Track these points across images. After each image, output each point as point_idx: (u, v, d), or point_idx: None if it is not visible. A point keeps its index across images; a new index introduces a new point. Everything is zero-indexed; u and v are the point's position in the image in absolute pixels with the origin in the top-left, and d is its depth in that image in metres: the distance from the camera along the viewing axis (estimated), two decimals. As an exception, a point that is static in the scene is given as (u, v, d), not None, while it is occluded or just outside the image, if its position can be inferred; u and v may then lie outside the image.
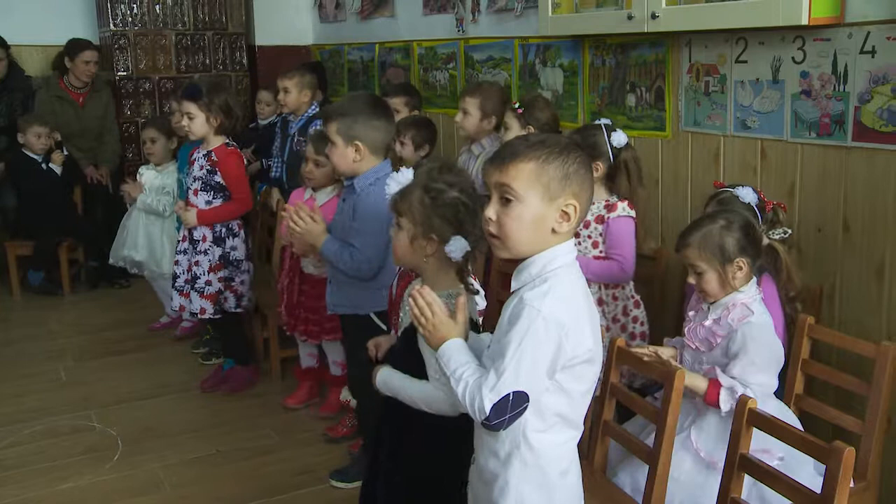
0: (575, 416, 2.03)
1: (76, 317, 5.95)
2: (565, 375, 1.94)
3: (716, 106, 3.55)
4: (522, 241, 1.94)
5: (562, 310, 1.88)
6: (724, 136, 3.52)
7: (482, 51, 5.04)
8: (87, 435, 4.15)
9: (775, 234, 2.90)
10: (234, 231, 4.47)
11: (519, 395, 1.87)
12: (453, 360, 1.99)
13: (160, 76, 6.90)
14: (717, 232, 2.67)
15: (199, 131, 4.32)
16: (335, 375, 4.28)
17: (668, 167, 3.83)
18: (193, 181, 4.40)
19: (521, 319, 1.88)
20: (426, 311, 2.05)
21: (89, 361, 5.11)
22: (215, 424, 4.23)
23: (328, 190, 4.11)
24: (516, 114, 3.84)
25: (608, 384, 2.81)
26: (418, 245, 2.37)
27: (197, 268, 4.41)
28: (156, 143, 5.40)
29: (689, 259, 2.71)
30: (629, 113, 3.99)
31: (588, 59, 4.23)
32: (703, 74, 3.59)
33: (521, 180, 1.91)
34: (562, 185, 1.90)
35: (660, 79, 3.81)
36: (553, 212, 1.91)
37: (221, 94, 4.36)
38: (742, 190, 2.97)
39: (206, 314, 4.45)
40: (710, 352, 2.72)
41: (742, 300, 2.67)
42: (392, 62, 6.05)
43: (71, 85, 6.55)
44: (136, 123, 6.84)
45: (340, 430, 4.03)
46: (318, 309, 4.08)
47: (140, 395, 4.58)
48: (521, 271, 1.98)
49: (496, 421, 1.88)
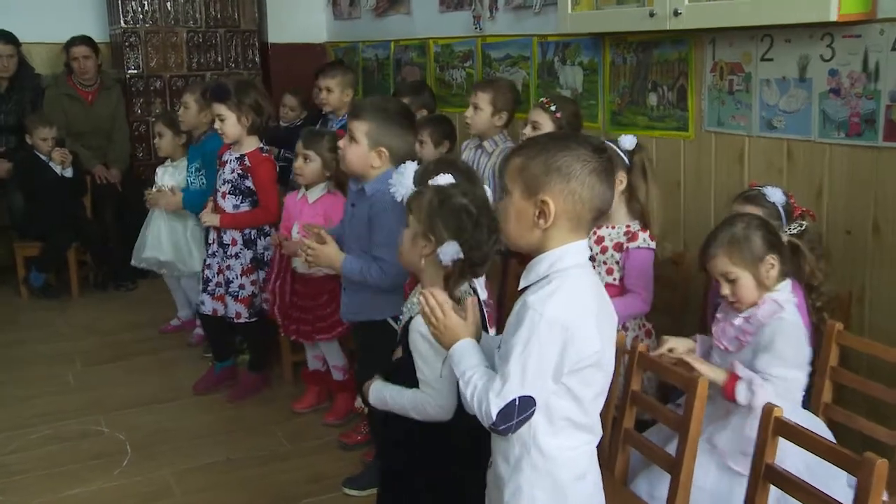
0: (586, 420, 2.02)
1: (85, 319, 5.94)
2: (573, 379, 1.94)
3: (740, 105, 3.52)
4: (511, 234, 2.01)
5: (566, 311, 1.89)
6: (749, 137, 3.49)
7: (500, 49, 5.02)
8: (96, 440, 4.14)
9: (792, 230, 2.87)
10: (266, 232, 4.46)
11: (525, 399, 1.88)
12: (463, 361, 2.01)
13: (171, 74, 6.89)
14: (742, 233, 2.65)
15: (232, 133, 4.28)
16: (338, 381, 4.27)
17: (691, 169, 3.80)
18: (223, 183, 4.38)
19: (524, 323, 1.89)
20: (437, 312, 2.06)
21: (98, 365, 5.10)
22: (226, 430, 4.22)
23: (319, 187, 4.16)
24: (547, 109, 3.81)
25: (628, 391, 2.78)
26: (417, 243, 2.40)
27: (229, 272, 4.40)
28: (163, 138, 5.39)
29: (720, 268, 2.67)
30: (650, 113, 3.97)
31: (608, 57, 4.20)
32: (727, 73, 3.56)
33: (510, 174, 1.98)
34: (540, 181, 1.92)
35: (682, 77, 3.79)
36: (531, 207, 1.94)
37: (250, 92, 4.33)
38: (771, 189, 2.94)
39: (241, 318, 4.43)
40: (740, 352, 2.68)
41: (773, 297, 2.64)
42: (407, 60, 6.04)
43: (79, 83, 6.57)
44: (146, 122, 6.84)
45: (355, 437, 4.00)
46: (311, 308, 4.13)
47: (150, 400, 4.57)
48: (529, 269, 2.00)
49: (503, 426, 1.89)
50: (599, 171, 1.94)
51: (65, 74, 6.59)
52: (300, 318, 4.17)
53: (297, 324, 4.18)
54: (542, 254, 1.97)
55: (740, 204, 2.98)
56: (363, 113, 3.27)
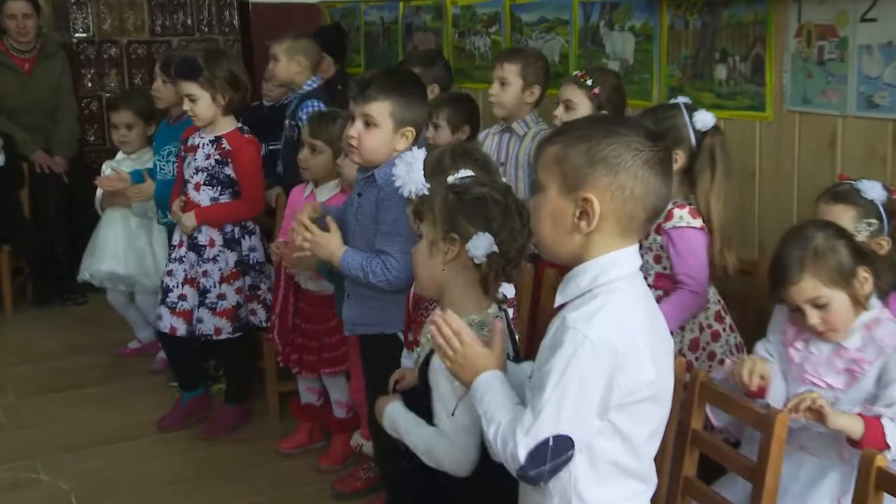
0: (637, 465, 2.02)
1: (19, 341, 5.97)
2: (622, 415, 1.94)
3: (832, 79, 3.51)
4: (545, 240, 2.01)
5: (614, 333, 1.88)
6: (843, 118, 3.48)
7: (532, 11, 5.04)
8: (32, 491, 4.14)
9: (864, 233, 2.84)
10: (249, 229, 4.48)
11: (561, 439, 1.87)
12: (487, 397, 2.00)
13: (129, 39, 6.91)
14: (824, 246, 2.63)
15: (206, 115, 4.30)
16: (339, 419, 4.27)
17: (769, 157, 3.80)
18: (195, 173, 4.37)
19: (563, 345, 1.88)
20: (453, 342, 2.06)
21: (36, 397, 5.12)
22: (195, 476, 4.23)
23: (331, 185, 4.13)
24: (582, 85, 3.80)
25: (689, 430, 2.78)
26: (437, 251, 2.40)
27: (205, 279, 4.39)
28: (132, 130, 5.41)
29: (807, 294, 2.64)
30: (718, 89, 3.97)
31: (667, 20, 4.21)
32: (815, 38, 3.56)
33: (544, 166, 1.98)
34: (582, 175, 1.92)
35: (759, 45, 3.79)
36: (570, 206, 1.94)
37: (222, 62, 4.35)
38: (867, 184, 2.92)
39: (222, 334, 4.41)
40: (850, 388, 2.64)
41: (878, 315, 2.64)
42: (420, 25, 6.06)
43: (13, 48, 6.48)
44: (99, 98, 6.86)
45: (353, 484, 4.01)
46: (318, 334, 4.11)
47: (100, 440, 4.57)
48: (567, 282, 2.00)
49: (533, 471, 1.88)
50: (654, 161, 1.94)
51: (-7, 37, 6.54)
52: (304, 345, 4.16)
53: (300, 352, 4.17)
54: (583, 263, 1.97)
55: (827, 203, 2.97)
56: (380, 92, 3.22)
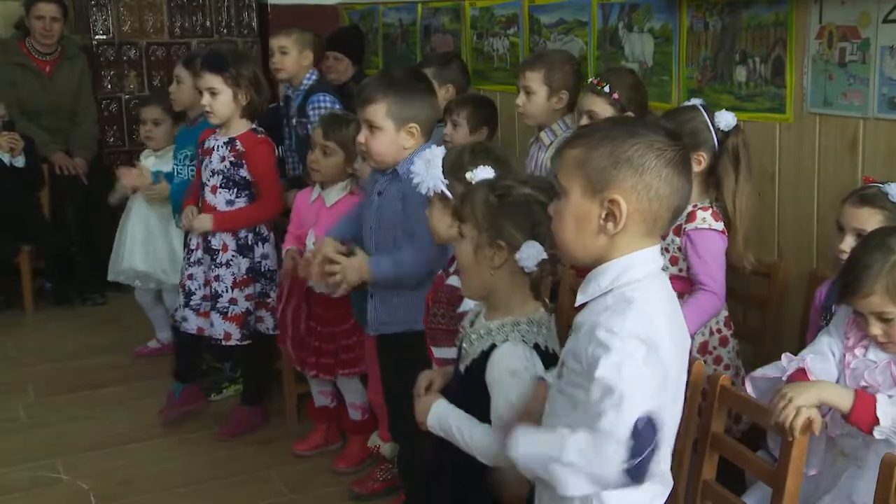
0: (658, 467, 2.00)
1: (40, 341, 5.99)
2: None
3: (854, 80, 3.50)
4: (568, 244, 1.99)
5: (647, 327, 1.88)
6: (865, 120, 3.46)
7: (551, 12, 5.03)
8: (52, 490, 4.15)
9: None
10: (264, 236, 4.48)
11: (646, 422, 1.83)
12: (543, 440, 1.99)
13: (149, 41, 6.91)
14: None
15: (223, 112, 4.30)
16: (354, 421, 4.28)
17: (789, 159, 3.78)
18: (212, 175, 4.37)
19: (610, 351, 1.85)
20: None
21: (56, 397, 5.13)
22: (214, 477, 4.24)
23: (339, 187, 4.14)
24: (600, 92, 3.77)
25: (708, 433, 2.77)
26: (483, 255, 2.38)
27: (217, 284, 4.39)
28: (160, 126, 5.43)
29: (874, 308, 2.59)
30: (738, 91, 3.96)
31: (686, 21, 4.20)
32: (837, 39, 3.54)
33: (566, 170, 1.97)
34: (607, 176, 1.91)
35: (779, 46, 3.77)
36: (596, 208, 1.93)
37: (249, 64, 4.37)
38: (894, 187, 2.91)
39: (231, 340, 4.42)
40: None
41: None
42: (438, 26, 6.06)
43: (34, 50, 6.51)
44: (118, 100, 6.87)
45: (370, 486, 4.01)
46: (333, 336, 4.11)
47: (120, 440, 4.59)
48: (588, 282, 2.00)
49: (637, 459, 1.82)
50: (677, 161, 1.95)
51: (16, 39, 6.56)
52: (320, 348, 4.16)
53: (317, 356, 4.17)
54: (605, 263, 1.97)
55: (854, 205, 2.95)
56: (374, 94, 3.30)
